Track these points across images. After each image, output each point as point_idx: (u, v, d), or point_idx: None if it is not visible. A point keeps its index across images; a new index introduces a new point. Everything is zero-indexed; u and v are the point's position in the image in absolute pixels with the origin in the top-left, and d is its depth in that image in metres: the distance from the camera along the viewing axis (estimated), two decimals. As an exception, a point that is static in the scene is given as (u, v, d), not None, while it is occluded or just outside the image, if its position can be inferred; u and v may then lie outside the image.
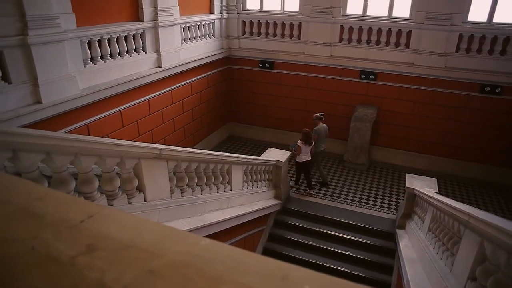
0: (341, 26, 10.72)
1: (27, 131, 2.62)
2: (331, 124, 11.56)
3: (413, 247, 6.12)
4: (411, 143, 11.00)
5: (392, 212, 8.84)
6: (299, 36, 11.31)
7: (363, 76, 10.79)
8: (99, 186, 3.34)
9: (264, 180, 7.91)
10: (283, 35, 11.45)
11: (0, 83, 5.34)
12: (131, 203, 3.71)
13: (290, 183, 9.62)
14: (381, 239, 7.81)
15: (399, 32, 10.18)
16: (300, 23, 11.16)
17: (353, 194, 9.68)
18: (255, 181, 7.36)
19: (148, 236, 0.91)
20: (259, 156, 8.21)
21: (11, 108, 5.48)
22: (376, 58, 10.50)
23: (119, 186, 3.59)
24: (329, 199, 9.43)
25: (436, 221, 5.11)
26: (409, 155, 11.09)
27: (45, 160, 2.77)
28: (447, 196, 8.73)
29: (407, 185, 7.29)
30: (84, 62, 6.74)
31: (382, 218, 8.53)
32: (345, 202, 9.28)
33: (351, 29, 10.62)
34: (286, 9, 11.43)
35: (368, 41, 10.58)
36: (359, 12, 10.62)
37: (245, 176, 6.76)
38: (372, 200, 9.43)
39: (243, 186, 6.69)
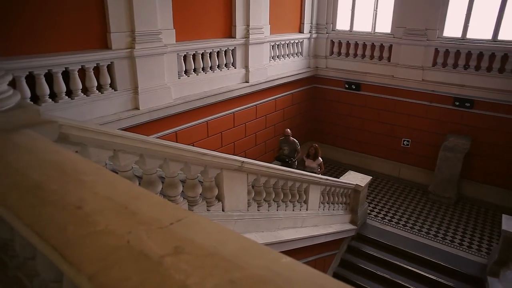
0: (436, 49, 10.12)
1: (127, 134, 2.88)
2: (417, 152, 10.94)
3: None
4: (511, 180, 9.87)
5: (483, 256, 7.96)
6: (389, 58, 10.93)
7: (457, 103, 10.01)
8: (182, 191, 3.55)
9: (341, 203, 7.69)
10: (372, 57, 11.17)
11: (108, 90, 6.01)
12: (209, 211, 3.85)
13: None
14: (467, 284, 7.05)
15: (505, 57, 9.28)
16: (391, 45, 10.80)
17: (436, 229, 8.94)
18: (331, 203, 7.19)
19: (231, 247, 0.94)
20: (338, 178, 8.01)
21: (114, 112, 6.11)
22: (474, 84, 9.68)
23: (200, 194, 3.76)
24: (409, 231, 8.83)
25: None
26: (507, 194, 9.93)
27: (139, 161, 3.01)
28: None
29: (503, 227, 6.51)
30: (178, 74, 7.27)
31: (470, 260, 7.72)
32: (427, 237, 8.60)
33: (447, 52, 9.97)
34: (377, 30, 11.16)
35: (466, 66, 9.82)
36: (458, 34, 9.94)
37: (322, 197, 6.65)
38: (459, 239, 8.60)
39: (319, 206, 6.58)
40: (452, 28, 10.01)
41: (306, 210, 6.13)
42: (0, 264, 1.83)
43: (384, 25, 10.98)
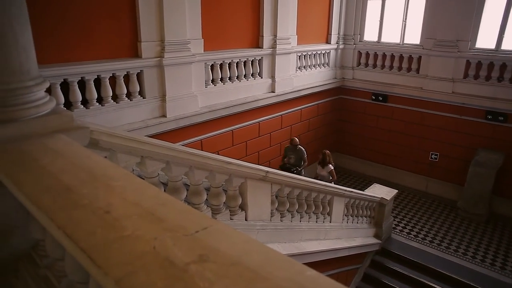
0: (468, 61, 9.86)
1: (154, 141, 2.93)
2: (445, 166, 10.63)
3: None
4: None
5: (516, 277, 7.61)
6: (417, 70, 10.73)
7: (489, 117, 9.69)
8: (206, 199, 3.57)
9: (365, 216, 7.54)
10: (400, 68, 11.00)
11: (137, 97, 6.17)
12: (232, 219, 3.86)
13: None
14: (498, 305, 6.76)
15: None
16: (420, 56, 10.60)
17: (465, 247, 8.62)
18: (355, 216, 7.06)
19: (255, 257, 0.94)
20: (362, 190, 7.87)
21: (142, 119, 6.26)
22: (508, 97, 9.35)
23: (224, 202, 3.78)
24: (435, 247, 8.54)
25: None
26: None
27: (165, 168, 3.06)
28: None
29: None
30: (205, 83, 7.37)
31: (502, 282, 7.39)
32: (455, 255, 8.29)
33: (479, 64, 9.70)
34: (405, 41, 10.99)
35: (500, 78, 9.51)
36: (492, 46, 9.66)
37: (346, 210, 6.54)
38: (490, 259, 8.25)
39: (342, 219, 6.47)
40: (485, 39, 9.74)
41: (330, 222, 6.04)
42: (31, 262, 1.89)
43: (413, 36, 10.80)
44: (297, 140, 8.51)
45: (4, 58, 1.78)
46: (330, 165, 8.14)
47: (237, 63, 7.99)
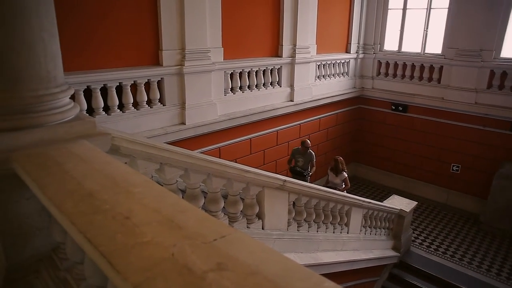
0: (492, 70, 9.64)
1: (173, 148, 2.97)
2: (467, 178, 10.36)
3: None
4: None
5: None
6: (439, 80, 10.56)
7: (515, 129, 9.44)
8: (223, 207, 3.58)
9: (383, 228, 7.41)
10: (420, 78, 10.85)
11: (157, 105, 6.27)
12: (249, 228, 3.85)
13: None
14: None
15: None
16: (442, 66, 10.44)
17: (489, 263, 8.34)
18: (373, 227, 6.95)
19: (274, 267, 0.93)
20: (381, 201, 7.74)
21: (161, 126, 6.34)
22: (535, 109, 9.10)
23: (241, 210, 3.78)
24: (457, 262, 8.31)
25: None
26: None
27: (183, 175, 3.09)
28: None
29: None
30: (224, 91, 7.43)
31: (527, 299, 7.14)
32: (478, 271, 8.04)
33: (504, 74, 9.47)
34: (427, 51, 10.85)
35: (527, 89, 9.27)
36: (518, 55, 9.44)
37: (363, 221, 6.44)
38: (515, 275, 7.98)
39: (360, 230, 6.37)
40: (511, 49, 9.53)
41: (347, 233, 5.96)
42: (52, 265, 1.93)
43: (435, 46, 10.66)
44: (309, 142, 8.05)
45: (33, 66, 1.85)
46: (344, 173, 7.81)
47: (256, 72, 8.03)
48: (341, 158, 7.99)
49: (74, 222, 1.19)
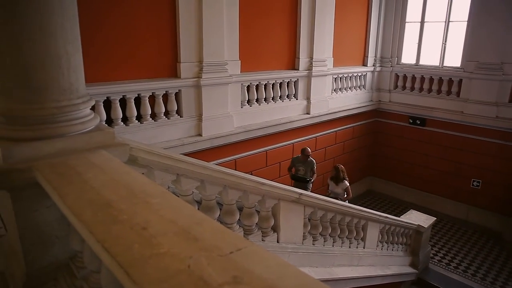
0: (514, 84, 9.47)
1: (190, 159, 2.99)
2: (489, 194, 10.10)
3: None
4: None
5: None
6: (458, 93, 10.40)
7: (538, 144, 9.19)
8: (238, 219, 3.57)
9: (400, 244, 7.25)
10: (439, 91, 10.70)
11: (174, 116, 6.35)
12: (264, 241, 3.82)
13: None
14: None
15: None
16: (461, 79, 10.29)
17: (512, 283, 8.07)
18: (390, 243, 6.81)
19: (290, 282, 0.92)
20: (398, 216, 7.59)
21: (178, 138, 6.41)
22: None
23: (256, 223, 3.76)
24: (479, 282, 8.05)
25: None
26: None
27: (199, 187, 3.10)
28: None
29: None
30: (241, 103, 7.48)
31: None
32: (500, 290, 7.78)
33: (527, 88, 9.29)
34: (445, 64, 10.72)
35: (549, 103, 9.05)
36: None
37: (380, 236, 6.33)
38: (540, 296, 7.67)
39: (377, 245, 6.25)
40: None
41: (363, 248, 5.86)
42: (69, 273, 1.95)
43: (453, 59, 10.53)
44: (309, 150, 7.84)
45: (57, 78, 1.90)
46: (346, 182, 7.50)
47: (272, 85, 8.07)
48: (341, 166, 7.71)
49: (92, 231, 1.21)
